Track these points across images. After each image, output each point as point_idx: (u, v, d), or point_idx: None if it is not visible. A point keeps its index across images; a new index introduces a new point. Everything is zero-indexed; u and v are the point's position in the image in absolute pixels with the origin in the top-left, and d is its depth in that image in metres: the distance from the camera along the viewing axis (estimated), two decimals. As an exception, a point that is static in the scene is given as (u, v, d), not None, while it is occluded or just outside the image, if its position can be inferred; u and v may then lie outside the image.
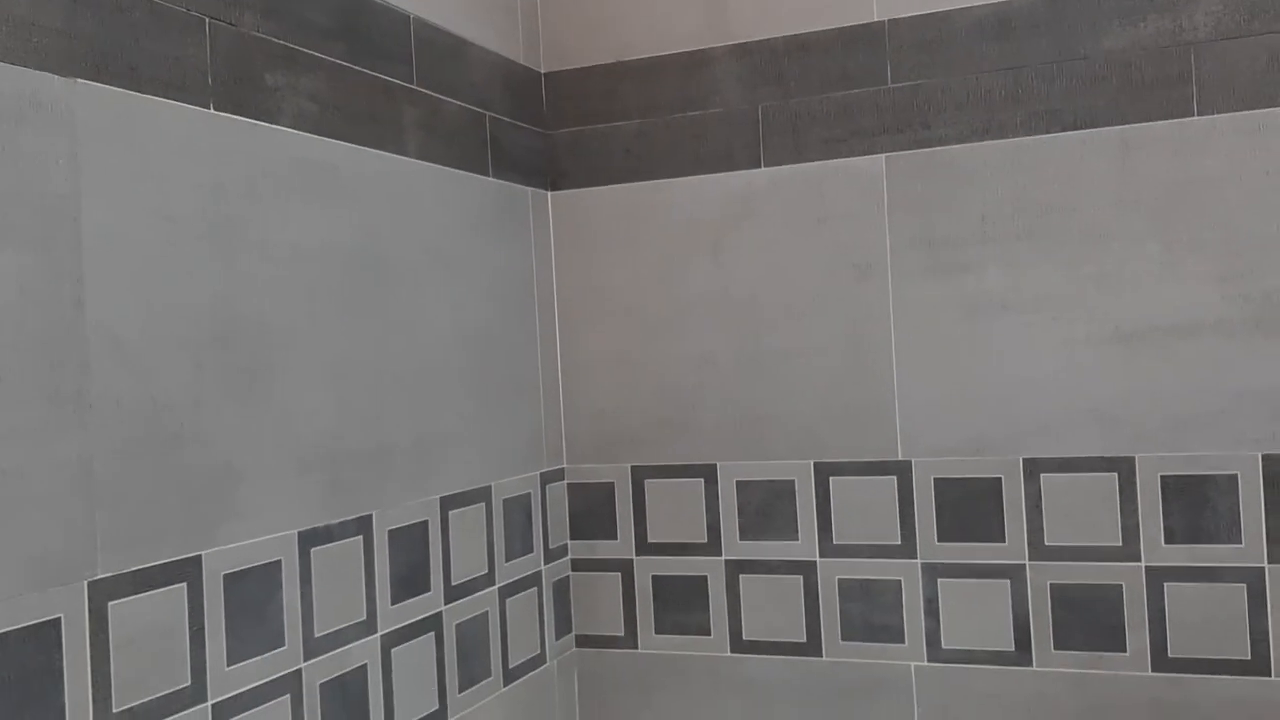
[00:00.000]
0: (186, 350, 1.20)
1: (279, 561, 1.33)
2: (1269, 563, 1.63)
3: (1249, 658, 1.64)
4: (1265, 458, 1.63)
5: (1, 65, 1.01)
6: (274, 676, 1.31)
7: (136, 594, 1.13)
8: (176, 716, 1.17)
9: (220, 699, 1.23)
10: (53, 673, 1.04)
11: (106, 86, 1.12)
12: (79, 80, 1.09)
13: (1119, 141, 1.67)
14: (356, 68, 1.50)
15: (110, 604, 1.10)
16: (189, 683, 1.19)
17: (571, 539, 2.02)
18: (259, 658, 1.29)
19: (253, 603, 1.28)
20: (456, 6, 1.75)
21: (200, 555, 1.21)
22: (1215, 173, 1.63)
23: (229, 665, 1.24)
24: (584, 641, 2.02)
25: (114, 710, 1.10)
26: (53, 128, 1.06)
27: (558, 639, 1.97)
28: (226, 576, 1.24)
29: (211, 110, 1.25)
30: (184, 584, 1.19)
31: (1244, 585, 1.65)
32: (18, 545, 1.00)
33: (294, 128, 1.38)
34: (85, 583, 1.07)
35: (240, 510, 1.27)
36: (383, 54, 1.56)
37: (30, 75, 1.04)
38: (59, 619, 1.04)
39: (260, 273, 1.31)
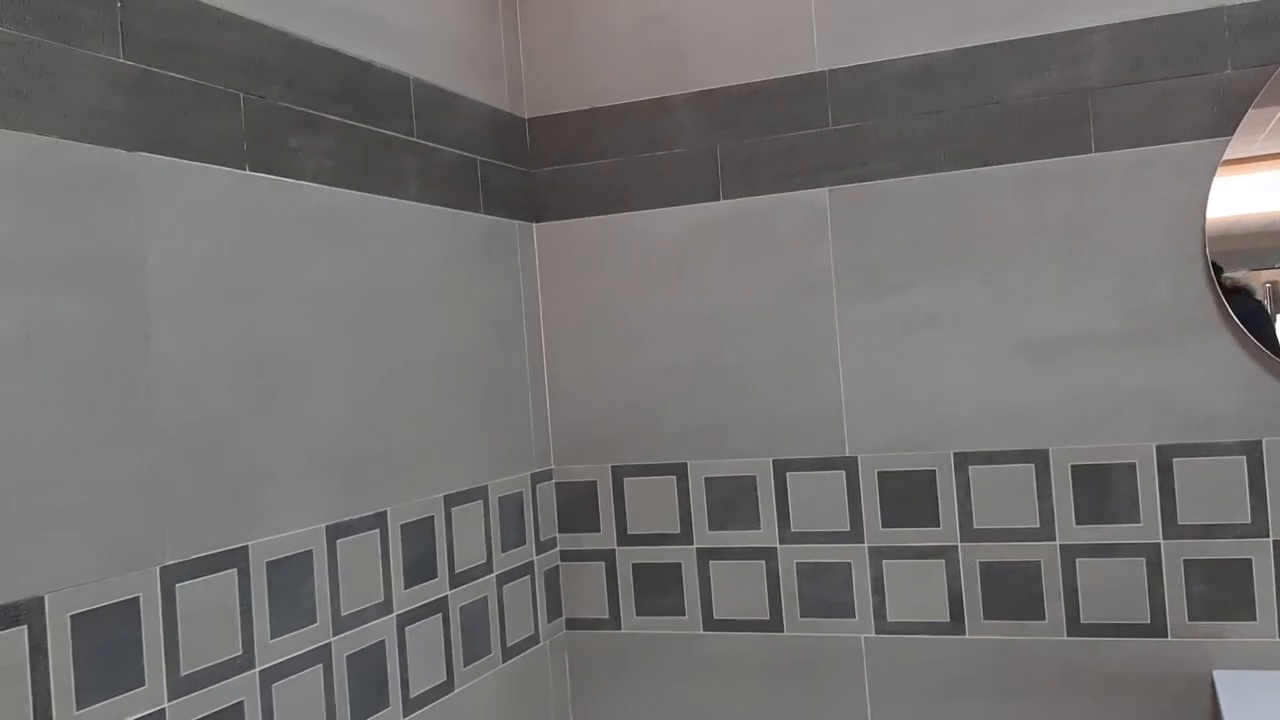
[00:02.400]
0: (228, 373, 1.44)
1: (310, 551, 1.56)
2: (1164, 539, 1.87)
3: (1149, 621, 1.88)
4: (1158, 448, 1.87)
5: (81, 145, 1.24)
6: (308, 649, 1.54)
7: (197, 577, 1.36)
8: (231, 680, 1.40)
9: (265, 666, 1.46)
10: (134, 642, 1.27)
11: (163, 157, 1.35)
12: (141, 153, 1.33)
13: (1028, 175, 1.92)
14: (364, 125, 1.73)
15: (177, 585, 1.33)
16: (240, 652, 1.42)
17: (560, 532, 2.25)
18: (295, 632, 1.52)
19: (290, 586, 1.52)
20: (449, 66, 1.99)
21: (247, 545, 1.44)
22: (1110, 202, 1.87)
23: (272, 638, 1.48)
24: (573, 624, 2.25)
25: (181, 674, 1.33)
26: (122, 194, 1.29)
27: (549, 621, 2.20)
28: (269, 563, 1.48)
29: (246, 171, 1.49)
30: (234, 569, 1.42)
31: (1143, 559, 1.89)
32: (105, 537, 1.24)
33: (313, 181, 1.61)
34: (157, 568, 1.31)
35: (277, 507, 1.50)
36: (386, 112, 1.79)
37: (102, 151, 1.27)
38: (138, 597, 1.28)
39: (286, 306, 1.55)
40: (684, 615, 2.17)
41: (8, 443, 1.13)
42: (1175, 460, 1.86)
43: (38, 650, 1.15)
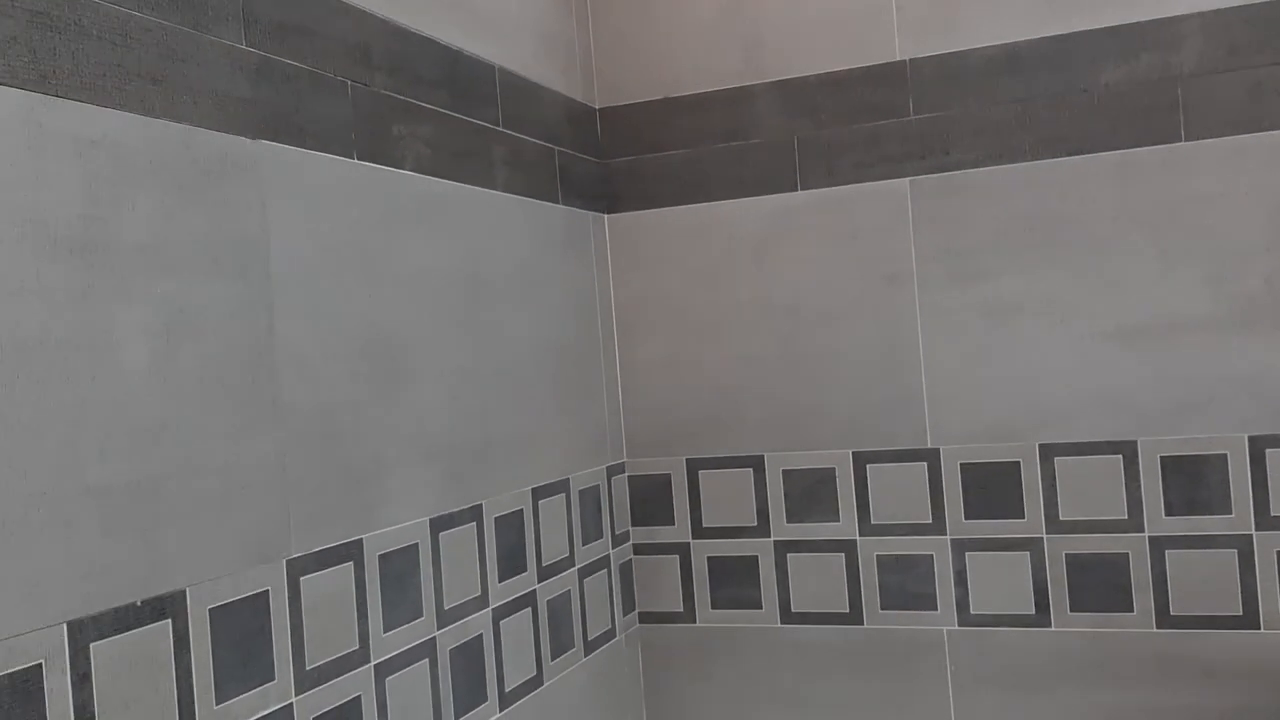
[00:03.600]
0: (344, 361, 1.42)
1: (416, 544, 1.54)
2: (1256, 530, 1.86)
3: (1241, 613, 1.87)
4: (1251, 439, 1.86)
5: (211, 132, 1.23)
6: (417, 643, 1.53)
7: (320, 570, 1.35)
8: (351, 674, 1.39)
9: (379, 660, 1.45)
10: (264, 635, 1.25)
11: (283, 145, 1.34)
12: (262, 140, 1.31)
13: (1117, 164, 1.91)
14: (457, 115, 1.72)
15: (302, 579, 1.32)
16: (357, 646, 1.41)
17: (633, 525, 2.24)
18: (405, 626, 1.51)
19: (399, 579, 1.50)
20: (530, 55, 1.97)
21: (361, 539, 1.43)
22: (1202, 190, 1.86)
23: (385, 632, 1.46)
24: (646, 618, 2.24)
25: (307, 668, 1.31)
26: (246, 181, 1.28)
27: (624, 615, 2.19)
28: (380, 556, 1.46)
29: (355, 160, 1.47)
30: (350, 563, 1.41)
31: (1235, 550, 1.88)
32: (239, 528, 1.22)
33: (414, 170, 1.59)
34: (284, 560, 1.29)
35: (388, 498, 1.49)
36: (476, 101, 1.78)
37: (229, 139, 1.26)
38: (266, 591, 1.26)
39: (393, 294, 1.53)
40: (761, 608, 2.16)
41: (152, 432, 1.11)
42: (1268, 451, 1.85)
43: (181, 644, 1.13)
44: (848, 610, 2.10)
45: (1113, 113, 1.91)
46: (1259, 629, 1.86)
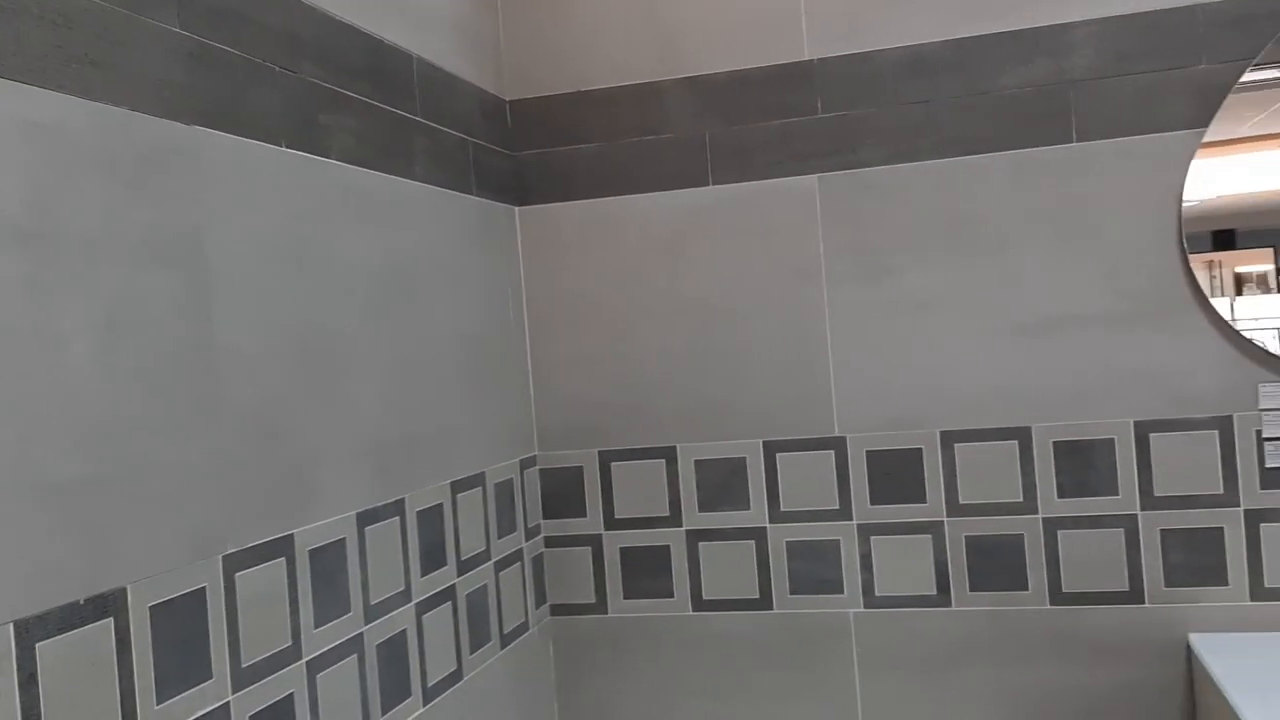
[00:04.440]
0: (279, 356, 1.39)
1: (344, 539, 1.52)
2: (1141, 510, 1.98)
3: (1127, 589, 1.98)
4: (1136, 423, 1.97)
5: (149, 117, 1.19)
6: (346, 638, 1.51)
7: (254, 566, 1.32)
8: (284, 671, 1.36)
9: (311, 657, 1.42)
10: (202, 632, 1.22)
11: (217, 132, 1.30)
12: (197, 127, 1.27)
13: (1015, 164, 2.00)
14: (379, 104, 1.70)
15: (237, 575, 1.29)
16: (290, 643, 1.38)
17: (545, 518, 2.24)
18: (334, 622, 1.48)
19: (329, 575, 1.48)
20: (445, 44, 1.96)
21: (293, 534, 1.40)
22: (1093, 190, 1.97)
23: (315, 628, 1.44)
24: (559, 610, 2.25)
25: (242, 666, 1.29)
26: (184, 168, 1.24)
27: (537, 608, 2.19)
28: (311, 552, 1.44)
29: (285, 148, 1.44)
30: (283, 558, 1.38)
31: (1122, 530, 1.99)
32: (176, 524, 1.19)
33: (340, 160, 1.57)
34: (220, 557, 1.26)
35: (318, 494, 1.46)
36: (397, 91, 1.76)
37: (166, 125, 1.22)
38: (204, 588, 1.23)
39: (326, 287, 1.51)
40: (673, 597, 2.19)
41: (97, 428, 1.07)
42: (1152, 435, 1.97)
43: (123, 643, 1.09)
44: (758, 596, 2.15)
45: (1010, 114, 2.00)
46: (1144, 604, 1.98)
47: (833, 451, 2.11)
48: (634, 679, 2.20)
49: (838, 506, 2.11)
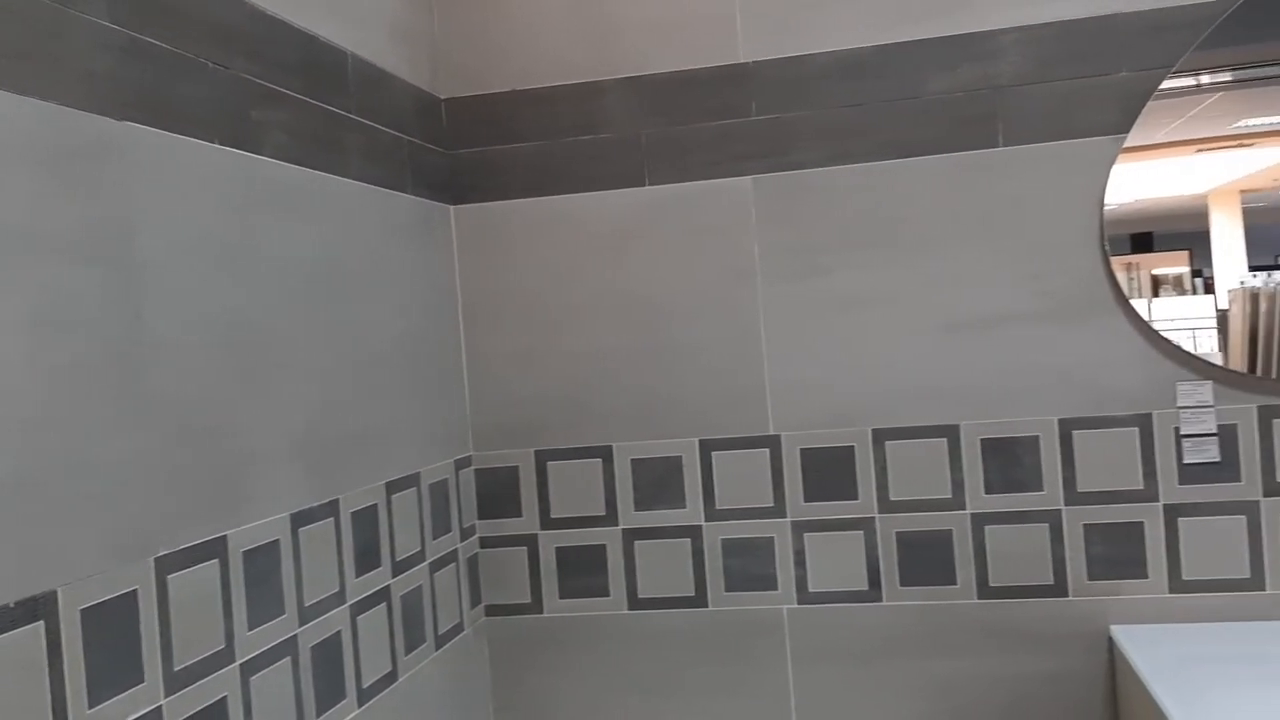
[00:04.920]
0: (211, 353, 1.37)
1: (278, 540, 1.51)
2: (1065, 505, 2.03)
3: (1052, 583, 2.03)
4: (1060, 421, 2.03)
5: (79, 112, 1.17)
6: (279, 640, 1.49)
7: (187, 568, 1.30)
8: (217, 674, 1.35)
9: (244, 659, 1.41)
10: (134, 635, 1.20)
11: (148, 128, 1.28)
12: (128, 122, 1.25)
13: (944, 167, 2.04)
14: (313, 101, 1.68)
15: (169, 577, 1.27)
16: (223, 646, 1.37)
17: (479, 519, 2.24)
18: (268, 624, 1.47)
19: (263, 576, 1.46)
20: (380, 41, 1.94)
21: (226, 535, 1.38)
22: (1018, 193, 2.02)
23: (249, 631, 1.42)
24: (493, 610, 2.24)
25: (175, 669, 1.27)
26: (114, 164, 1.22)
27: (472, 608, 2.18)
28: (245, 553, 1.42)
29: (217, 144, 1.42)
30: (216, 560, 1.36)
31: (1046, 524, 2.04)
32: (107, 525, 1.17)
33: (273, 157, 1.55)
34: (152, 559, 1.24)
35: (251, 495, 1.44)
36: (331, 88, 1.74)
37: (95, 120, 1.20)
38: (135, 590, 1.21)
39: (259, 285, 1.49)
40: (609, 596, 2.20)
41: (23, 428, 1.05)
42: (1075, 432, 2.02)
43: (53, 647, 1.07)
44: (693, 594, 2.16)
45: (939, 119, 2.04)
46: (1068, 596, 2.03)
47: (768, 450, 2.13)
48: (570, 678, 2.21)
49: (772, 504, 2.13)
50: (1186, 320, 2.05)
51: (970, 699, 2.06)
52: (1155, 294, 2.13)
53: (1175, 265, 2.13)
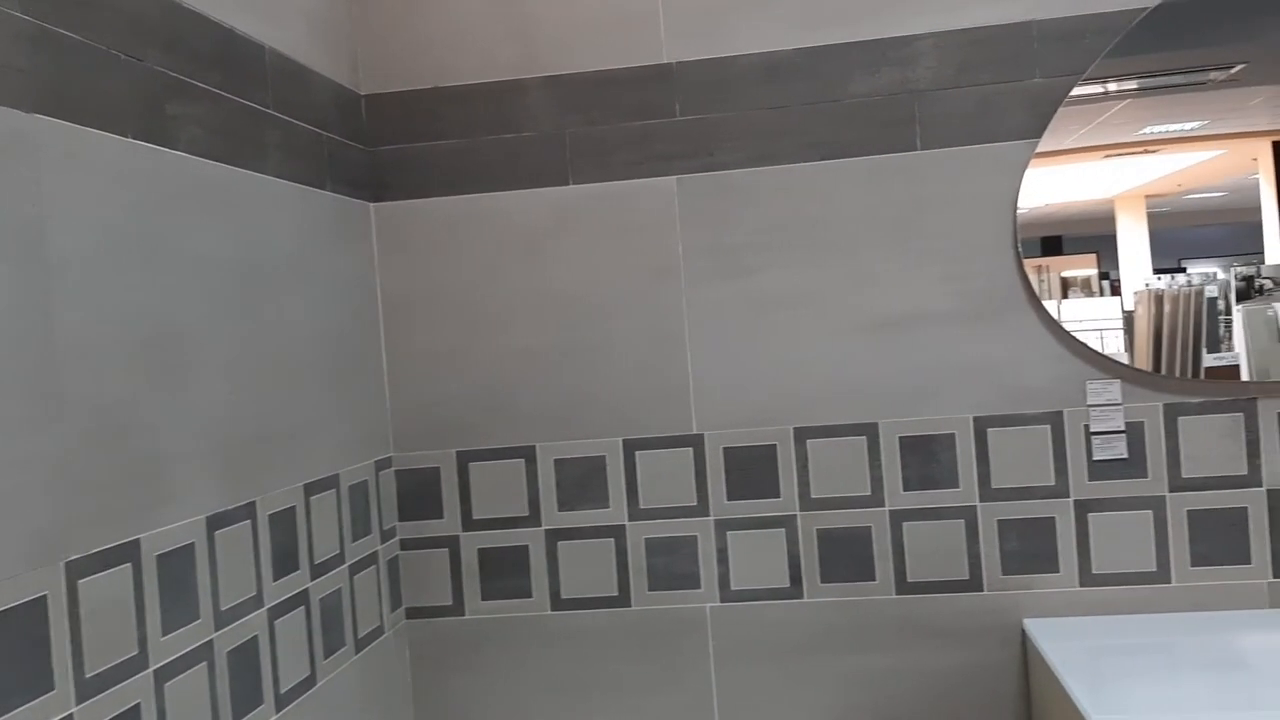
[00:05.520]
0: (124, 352, 1.34)
1: (193, 544, 1.47)
2: (980, 501, 2.07)
3: (968, 578, 2.08)
4: (975, 419, 2.07)
5: (-20, 102, 1.13)
6: (195, 646, 1.46)
7: (98, 573, 1.26)
8: (130, 681, 1.31)
9: (158, 665, 1.37)
10: (43, 642, 1.17)
11: (59, 121, 1.24)
12: (37, 115, 1.21)
13: (864, 169, 2.07)
14: (230, 96, 1.65)
15: (80, 582, 1.23)
16: (136, 651, 1.33)
17: (400, 520, 2.21)
18: (183, 629, 1.43)
19: (177, 580, 1.43)
20: (298, 36, 1.91)
21: (139, 538, 1.35)
22: (936, 196, 2.05)
23: (163, 636, 1.39)
24: (414, 613, 2.22)
25: (86, 676, 1.23)
26: (23, 158, 1.18)
27: (392, 611, 2.16)
28: (158, 557, 1.39)
29: (130, 139, 1.39)
30: (129, 564, 1.33)
31: (962, 520, 2.08)
32: (14, 529, 1.13)
33: (188, 152, 1.52)
34: (62, 563, 1.20)
35: (166, 497, 1.41)
36: (248, 82, 1.71)
37: (2, 111, 1.16)
38: (45, 595, 1.17)
39: (172, 282, 1.45)
40: (531, 597, 2.19)
41: (-77, 427, 1.01)
42: (989, 430, 2.06)
43: (-43, 656, 1.04)
44: (617, 594, 2.17)
45: (860, 121, 2.07)
46: (983, 591, 2.07)
47: (691, 449, 2.14)
48: (492, 680, 2.19)
49: (695, 503, 2.14)
50: (1094, 321, 2.10)
51: (889, 693, 2.09)
52: (1065, 295, 2.18)
53: (1084, 268, 2.19)
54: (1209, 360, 2.06)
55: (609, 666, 2.17)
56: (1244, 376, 2.03)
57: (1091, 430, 2.03)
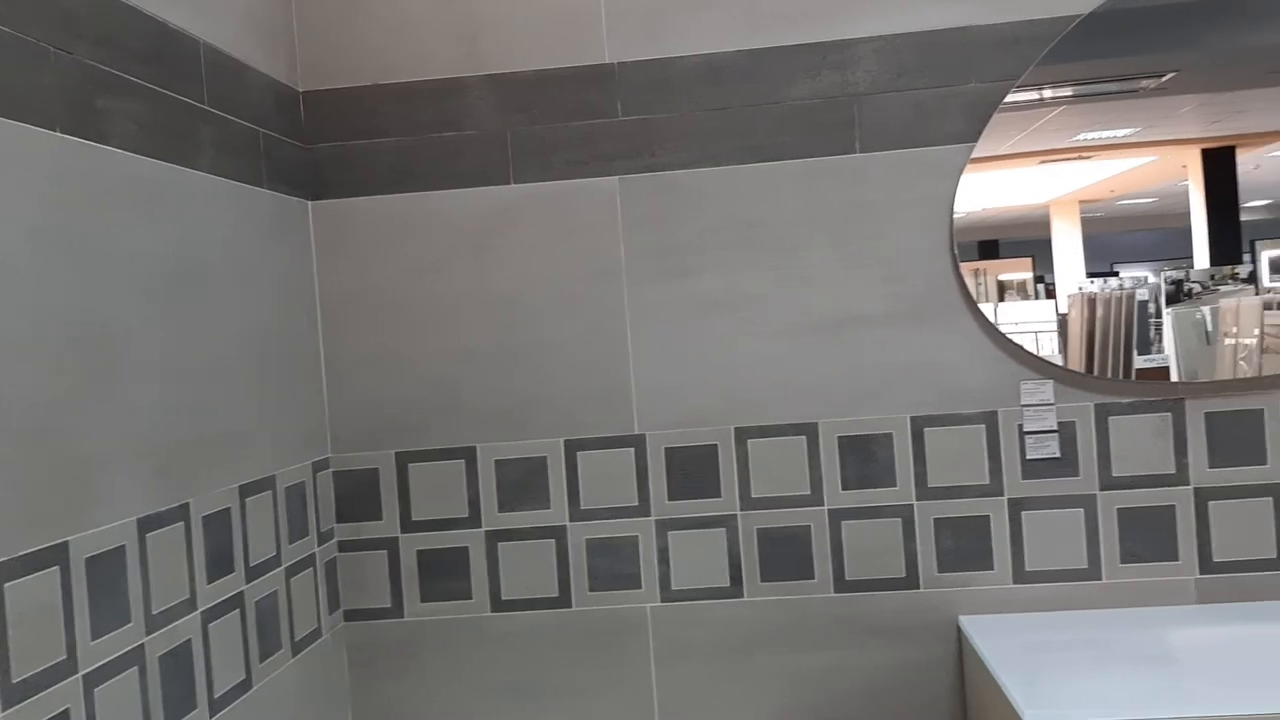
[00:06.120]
0: (52, 351, 1.31)
1: (124, 546, 1.44)
2: (916, 500, 2.10)
3: (904, 575, 2.10)
4: (912, 419, 2.10)
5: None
6: (125, 650, 1.43)
7: (24, 576, 1.23)
8: (58, 686, 1.28)
9: (88, 670, 1.34)
10: (-35, 649, 1.14)
11: (-20, 112, 1.22)
12: (-41, 107, 1.19)
13: (805, 172, 2.09)
14: (165, 91, 1.62)
15: (6, 585, 1.20)
16: (64, 656, 1.30)
17: (338, 522, 2.19)
18: (113, 634, 1.41)
19: (107, 584, 1.40)
20: (235, 31, 1.88)
21: (68, 541, 1.32)
22: (875, 199, 2.08)
23: (92, 640, 1.36)
24: (352, 615, 2.20)
25: (13, 681, 1.20)
26: (-60, 151, 1.16)
27: (330, 614, 2.14)
28: (88, 560, 1.36)
29: (59, 133, 1.36)
30: (57, 567, 1.30)
31: (899, 519, 2.10)
32: (-64, 534, 1.10)
33: (120, 148, 1.49)
34: (-13, 567, 1.18)
35: (96, 499, 1.38)
36: (183, 77, 1.68)
37: (-83, 102, 1.13)
38: (-32, 600, 1.15)
39: (104, 280, 1.43)
40: (471, 599, 2.17)
41: None
42: (926, 429, 2.09)
43: (-126, 664, 1.01)
44: (557, 594, 2.16)
45: (800, 124, 2.09)
46: (919, 588, 2.10)
47: (632, 449, 2.14)
48: (431, 683, 2.18)
49: (637, 503, 2.14)
50: (1030, 324, 2.14)
51: (828, 690, 2.11)
52: (1001, 298, 2.22)
53: (1020, 271, 2.23)
54: (1140, 362, 2.10)
55: (549, 668, 2.16)
56: (1173, 377, 2.08)
57: (1025, 430, 2.07)
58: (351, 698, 2.19)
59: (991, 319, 2.08)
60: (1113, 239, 2.27)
